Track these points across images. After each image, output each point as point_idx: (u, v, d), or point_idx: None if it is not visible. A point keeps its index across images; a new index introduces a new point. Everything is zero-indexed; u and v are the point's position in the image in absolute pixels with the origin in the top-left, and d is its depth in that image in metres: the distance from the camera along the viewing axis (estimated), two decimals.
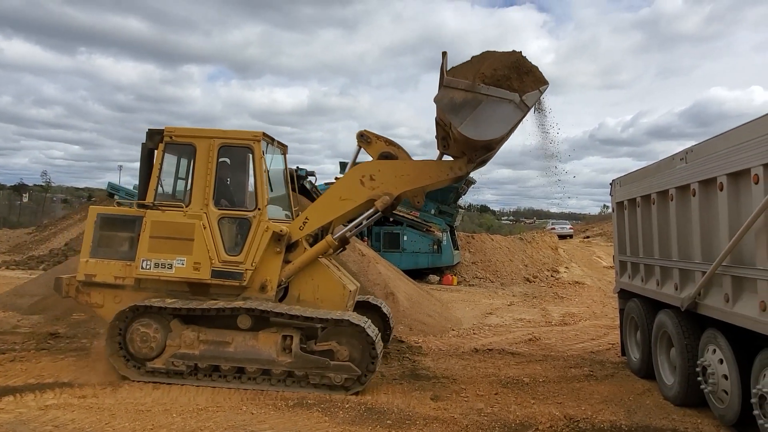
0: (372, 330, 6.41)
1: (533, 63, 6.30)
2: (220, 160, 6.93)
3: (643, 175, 7.21)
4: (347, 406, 5.84)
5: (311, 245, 7.08)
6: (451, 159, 7.03)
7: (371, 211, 7.01)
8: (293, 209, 8.05)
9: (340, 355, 6.29)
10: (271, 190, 7.24)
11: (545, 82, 6.24)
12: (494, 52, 6.35)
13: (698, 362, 5.66)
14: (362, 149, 7.27)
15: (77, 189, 71.73)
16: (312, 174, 16.47)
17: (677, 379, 6.13)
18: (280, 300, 6.92)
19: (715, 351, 5.42)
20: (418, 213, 19.68)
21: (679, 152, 6.10)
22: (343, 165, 16.07)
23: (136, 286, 6.87)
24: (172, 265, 6.67)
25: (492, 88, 6.04)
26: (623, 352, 8.33)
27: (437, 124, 6.92)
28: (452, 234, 20.90)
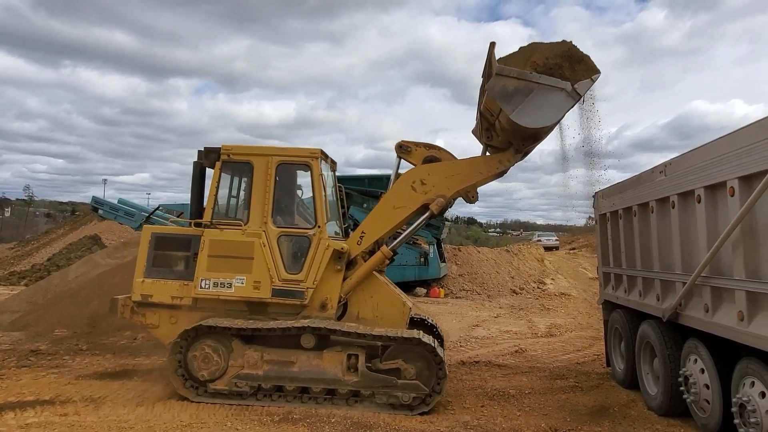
0: (440, 350, 6.37)
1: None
2: (279, 177, 6.88)
3: (625, 187, 7.34)
4: (333, 420, 5.80)
5: (365, 257, 7.01)
6: (498, 152, 6.96)
7: (427, 215, 6.99)
8: (342, 226, 7.97)
9: (407, 373, 6.23)
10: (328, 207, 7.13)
11: (597, 71, 6.20)
12: (543, 42, 6.37)
13: (680, 372, 5.73)
14: (402, 160, 7.26)
15: (61, 203, 70.82)
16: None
17: (660, 389, 6.19)
18: (338, 318, 6.81)
19: (696, 361, 5.50)
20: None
21: (659, 165, 6.22)
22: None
23: (192, 306, 6.77)
24: (231, 284, 6.59)
25: (544, 77, 6.06)
26: (608, 363, 8.40)
27: (481, 115, 6.86)
28: (439, 246, 20.94)
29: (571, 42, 6.29)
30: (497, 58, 6.21)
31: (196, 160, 7.25)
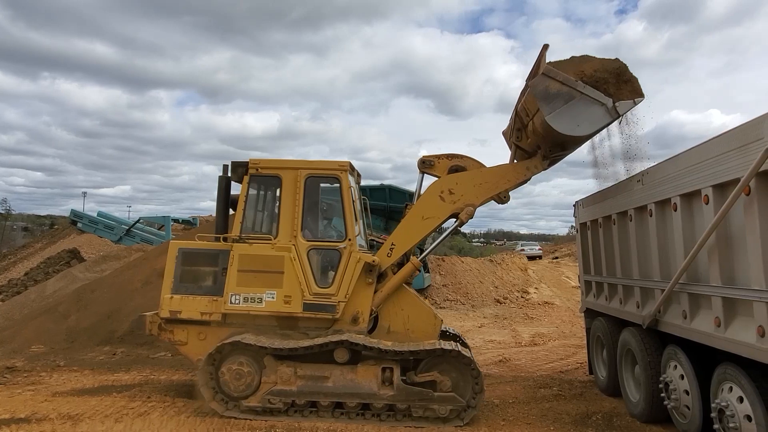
0: (476, 363, 6.32)
1: (627, 75, 6.31)
2: (307, 190, 6.83)
3: (604, 196, 7.44)
4: None
5: (394, 269, 6.97)
6: (525, 159, 7.00)
7: (456, 224, 6.99)
8: (367, 238, 7.91)
9: (443, 386, 6.18)
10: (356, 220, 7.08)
11: (641, 95, 6.24)
12: (595, 57, 6.39)
13: (661, 378, 5.79)
14: (426, 174, 7.24)
15: (39, 216, 69.46)
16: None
17: (642, 396, 6.24)
18: (369, 331, 6.73)
19: (676, 367, 5.56)
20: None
21: (636, 174, 6.33)
22: None
23: (222, 322, 6.68)
24: (262, 299, 6.52)
25: (589, 88, 6.10)
26: (591, 371, 8.46)
27: (517, 114, 6.86)
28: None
29: (623, 62, 6.33)
30: (548, 60, 6.26)
31: (220, 174, 7.23)
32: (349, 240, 6.69)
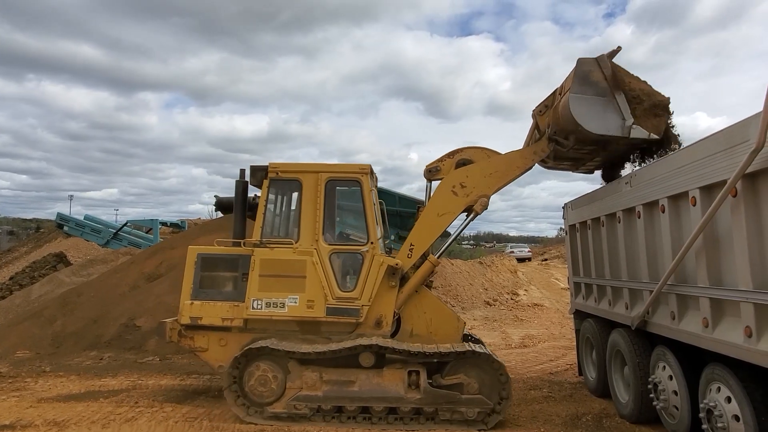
0: (505, 368, 6.27)
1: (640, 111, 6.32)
2: (328, 194, 6.79)
3: (593, 198, 7.48)
4: None
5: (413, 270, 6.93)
6: (534, 144, 7.02)
7: (471, 216, 7.00)
8: (385, 241, 7.86)
9: (470, 388, 6.14)
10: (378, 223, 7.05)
11: (658, 134, 6.24)
12: (651, 86, 6.43)
13: (650, 379, 5.82)
14: (433, 182, 7.19)
15: (24, 220, 68.51)
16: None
17: (631, 397, 6.27)
18: (392, 335, 6.68)
19: (664, 368, 5.59)
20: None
21: (625, 176, 6.37)
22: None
23: (243, 328, 6.63)
24: (284, 303, 6.47)
25: (623, 99, 6.17)
26: (580, 372, 8.49)
27: (554, 92, 6.90)
28: None
29: (669, 102, 6.36)
30: (610, 58, 6.34)
31: (237, 179, 7.20)
32: (372, 243, 6.68)
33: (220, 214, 16.43)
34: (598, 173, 7.94)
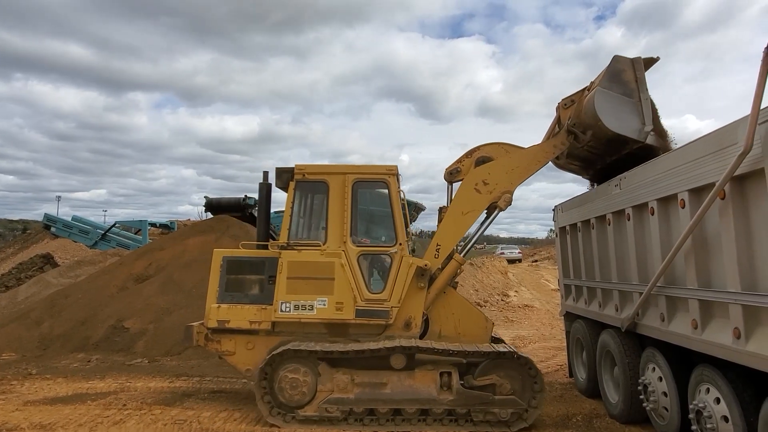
0: (534, 363, 6.25)
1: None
2: (355, 195, 6.76)
3: (583, 201, 7.52)
4: None
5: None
6: (553, 137, 7.08)
7: (495, 213, 7.01)
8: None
9: (502, 388, 6.11)
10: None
11: (668, 149, 6.26)
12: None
13: (640, 380, 5.85)
14: (454, 184, 7.20)
15: (11, 221, 67.69)
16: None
17: (621, 398, 6.31)
18: (420, 336, 6.65)
19: (654, 369, 5.62)
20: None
21: (614, 179, 6.41)
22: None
23: (270, 331, 6.58)
24: (313, 306, 6.45)
25: (648, 104, 6.24)
26: (571, 373, 8.52)
27: (585, 87, 6.97)
28: None
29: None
30: (647, 66, 6.49)
31: (261, 181, 7.14)
32: (400, 244, 6.68)
33: (209, 215, 16.33)
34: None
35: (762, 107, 3.77)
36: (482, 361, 6.19)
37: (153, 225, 28.61)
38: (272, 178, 7.19)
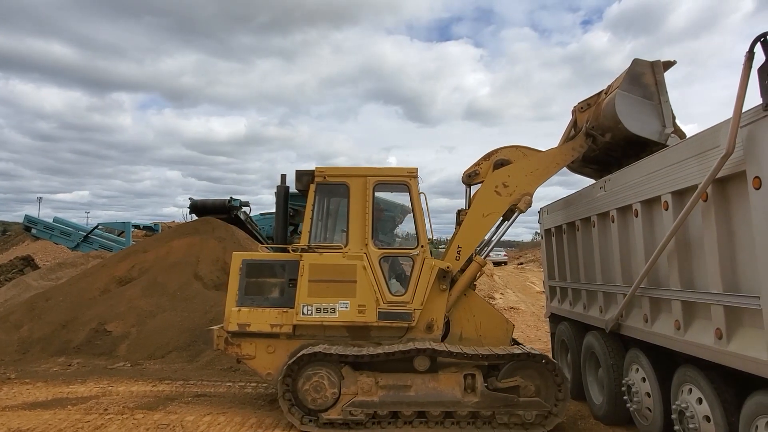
0: (560, 369, 6.20)
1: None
2: (375, 197, 6.73)
3: (568, 203, 7.57)
4: None
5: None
6: (572, 141, 7.09)
7: (515, 215, 6.99)
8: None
9: (527, 390, 6.06)
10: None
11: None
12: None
13: (623, 381, 5.90)
14: (472, 187, 7.18)
15: None
16: (246, 204, 16.14)
17: (605, 399, 6.34)
18: (442, 339, 6.61)
19: (638, 370, 5.67)
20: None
21: (599, 181, 6.46)
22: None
23: (291, 334, 6.52)
24: (335, 309, 6.41)
25: (669, 107, 6.25)
26: None
27: (601, 91, 6.98)
28: None
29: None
30: (665, 68, 6.47)
31: (279, 184, 7.08)
32: (422, 246, 6.66)
33: (194, 217, 16.18)
34: (575, 179, 8.05)
35: (743, 110, 3.82)
36: (504, 363, 6.17)
37: (136, 227, 28.27)
38: (290, 181, 7.17)
